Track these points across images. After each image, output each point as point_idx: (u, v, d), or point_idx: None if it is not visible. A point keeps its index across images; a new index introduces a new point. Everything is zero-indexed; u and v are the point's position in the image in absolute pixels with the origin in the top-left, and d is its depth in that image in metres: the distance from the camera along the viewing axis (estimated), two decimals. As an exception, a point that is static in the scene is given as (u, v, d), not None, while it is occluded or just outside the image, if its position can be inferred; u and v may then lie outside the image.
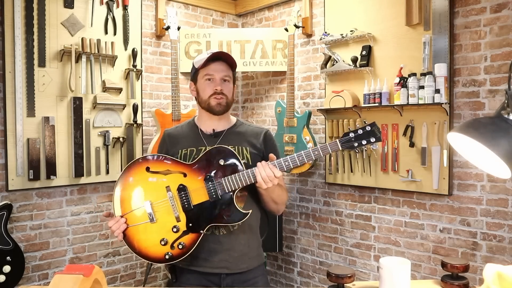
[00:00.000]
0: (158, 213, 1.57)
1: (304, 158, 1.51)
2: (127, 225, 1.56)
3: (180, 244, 1.55)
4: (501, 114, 1.11)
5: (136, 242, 1.57)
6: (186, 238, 1.56)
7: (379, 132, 1.54)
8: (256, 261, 1.73)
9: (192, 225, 1.56)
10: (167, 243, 1.55)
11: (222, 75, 1.68)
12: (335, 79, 3.32)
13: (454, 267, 1.42)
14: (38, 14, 2.92)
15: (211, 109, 1.68)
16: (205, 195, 1.56)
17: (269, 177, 1.50)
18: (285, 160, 1.52)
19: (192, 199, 1.57)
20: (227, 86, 1.69)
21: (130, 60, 3.34)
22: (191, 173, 1.59)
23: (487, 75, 2.60)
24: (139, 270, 3.51)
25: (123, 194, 1.60)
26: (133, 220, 1.57)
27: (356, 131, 1.53)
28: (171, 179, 1.59)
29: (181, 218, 1.56)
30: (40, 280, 3.00)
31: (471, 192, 2.67)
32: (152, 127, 3.54)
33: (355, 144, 1.52)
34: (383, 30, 3.00)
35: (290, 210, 3.74)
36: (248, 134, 1.74)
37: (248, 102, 4.16)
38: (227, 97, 1.68)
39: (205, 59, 1.67)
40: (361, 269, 3.25)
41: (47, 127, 2.95)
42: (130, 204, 1.59)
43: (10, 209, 2.78)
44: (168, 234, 1.56)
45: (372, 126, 1.54)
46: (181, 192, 1.57)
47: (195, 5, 3.84)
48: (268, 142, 1.75)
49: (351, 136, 1.52)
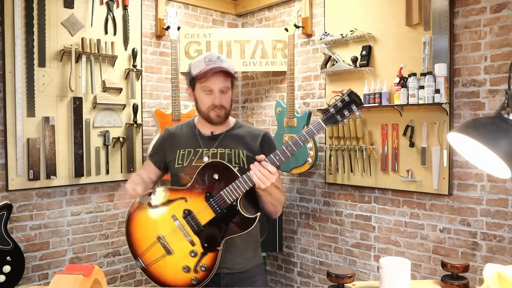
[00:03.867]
0: (173, 244, 1.59)
1: (292, 147, 1.51)
2: (145, 265, 1.61)
3: (203, 267, 1.57)
4: (501, 114, 1.11)
5: (161, 277, 1.60)
6: (206, 258, 1.57)
7: (358, 99, 1.46)
8: (253, 261, 1.73)
9: (208, 245, 1.57)
10: (190, 269, 1.57)
11: (221, 87, 1.64)
12: (335, 79, 3.32)
13: (454, 267, 1.42)
14: (38, 14, 2.92)
15: (210, 120, 1.68)
16: (210, 213, 1.57)
17: (265, 175, 1.49)
18: (275, 155, 1.52)
19: (200, 221, 1.58)
20: (225, 97, 1.66)
21: (130, 60, 3.34)
22: (191, 196, 1.60)
23: (487, 75, 2.60)
24: (139, 270, 3.50)
25: (134, 235, 1.64)
26: (152, 257, 1.60)
27: (336, 105, 1.47)
28: (174, 208, 1.61)
29: (195, 241, 1.58)
30: (40, 280, 3.00)
31: (471, 192, 2.67)
32: (152, 127, 3.54)
33: (338, 117, 1.47)
34: (383, 30, 3.00)
35: (290, 210, 3.74)
36: (246, 137, 1.73)
37: (248, 102, 4.16)
38: (226, 109, 1.67)
39: (203, 70, 1.61)
40: (361, 269, 3.25)
41: (47, 127, 2.95)
42: (144, 243, 1.62)
43: (10, 209, 2.78)
44: (188, 260, 1.58)
45: (350, 95, 1.46)
46: (187, 217, 1.59)
47: (195, 5, 3.84)
48: (265, 145, 1.73)
49: (331, 111, 1.47)
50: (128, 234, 1.64)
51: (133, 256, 1.64)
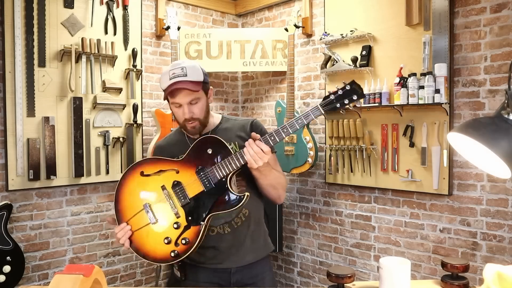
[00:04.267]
0: (158, 214, 1.59)
1: (288, 129, 1.48)
2: (131, 231, 1.57)
3: (184, 239, 1.55)
4: (501, 114, 1.11)
5: (141, 246, 1.58)
6: (189, 232, 1.56)
7: (360, 89, 1.45)
8: (263, 251, 1.76)
9: (191, 218, 1.56)
10: (171, 241, 1.55)
11: (188, 100, 1.61)
12: (335, 79, 3.32)
13: (454, 267, 1.42)
14: (38, 14, 2.92)
15: (188, 132, 1.69)
16: (199, 186, 1.56)
17: (258, 154, 1.47)
18: (270, 135, 1.50)
19: (188, 193, 1.57)
20: (196, 107, 1.63)
21: (130, 60, 3.34)
22: (183, 168, 1.60)
23: (487, 75, 2.60)
24: (139, 270, 3.51)
25: (122, 203, 1.62)
26: (136, 225, 1.59)
27: (336, 92, 1.46)
28: (164, 178, 1.60)
29: (180, 213, 1.57)
30: (40, 280, 3.00)
31: (471, 192, 2.67)
32: (152, 127, 3.54)
33: (337, 105, 1.45)
34: (383, 30, 3.00)
35: (290, 210, 3.74)
36: (235, 129, 1.73)
37: (248, 102, 4.16)
38: (199, 119, 1.65)
39: (168, 86, 1.59)
40: (361, 269, 3.25)
41: (47, 127, 2.95)
42: (130, 210, 1.60)
43: (10, 209, 2.78)
44: (170, 231, 1.56)
45: (352, 84, 1.45)
46: (176, 188, 1.58)
47: (195, 5, 3.84)
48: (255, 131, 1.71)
49: (331, 98, 1.46)
50: (117, 200, 1.62)
51: (118, 221, 1.61)
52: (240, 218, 1.68)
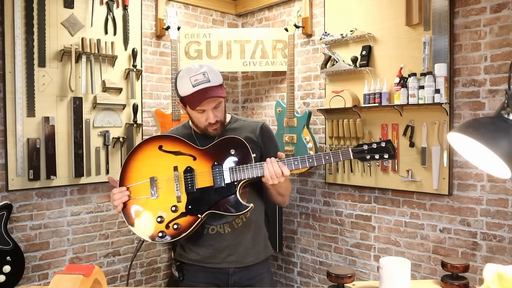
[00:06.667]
0: (161, 190, 1.58)
1: (314, 161, 1.52)
2: (129, 197, 1.57)
3: (176, 225, 1.55)
4: (501, 114, 1.11)
5: (133, 215, 1.57)
6: (183, 220, 1.56)
7: (393, 150, 1.53)
8: (263, 254, 1.75)
9: (191, 208, 1.56)
10: (163, 221, 1.55)
11: (213, 105, 1.61)
12: (335, 79, 3.32)
13: (454, 267, 1.42)
14: (38, 14, 2.92)
15: (208, 134, 1.67)
16: (210, 180, 1.57)
17: (277, 174, 1.51)
18: (294, 160, 1.53)
19: (197, 183, 1.58)
20: (219, 111, 1.64)
21: (130, 60, 3.34)
22: (201, 157, 1.60)
23: (487, 75, 2.60)
24: (139, 270, 3.51)
25: (131, 166, 1.61)
26: (136, 193, 1.59)
27: (371, 145, 1.53)
28: (180, 160, 1.60)
29: (182, 199, 1.57)
30: (40, 280, 3.00)
31: (471, 192, 2.67)
32: (152, 127, 3.54)
33: (367, 156, 1.53)
34: (383, 30, 3.00)
35: (290, 210, 3.74)
36: (244, 130, 1.73)
37: (248, 102, 4.16)
38: (221, 121, 1.66)
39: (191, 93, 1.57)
40: (361, 269, 3.25)
41: (47, 127, 2.95)
42: (136, 177, 1.60)
43: (10, 209, 2.78)
44: (166, 212, 1.57)
45: (387, 143, 1.53)
46: (187, 174, 1.58)
47: (195, 5, 3.84)
48: (265, 135, 1.74)
49: (364, 148, 1.53)
50: (126, 164, 1.61)
51: (119, 182, 1.60)
52: (241, 218, 1.68)
